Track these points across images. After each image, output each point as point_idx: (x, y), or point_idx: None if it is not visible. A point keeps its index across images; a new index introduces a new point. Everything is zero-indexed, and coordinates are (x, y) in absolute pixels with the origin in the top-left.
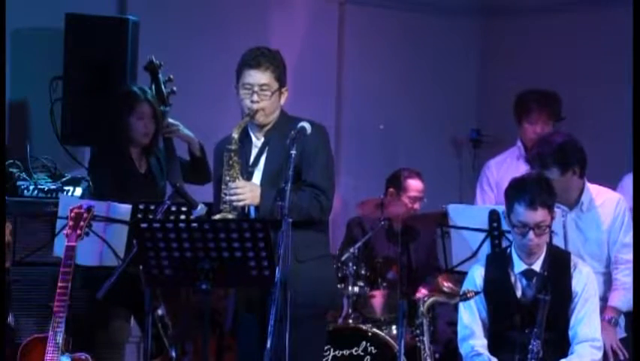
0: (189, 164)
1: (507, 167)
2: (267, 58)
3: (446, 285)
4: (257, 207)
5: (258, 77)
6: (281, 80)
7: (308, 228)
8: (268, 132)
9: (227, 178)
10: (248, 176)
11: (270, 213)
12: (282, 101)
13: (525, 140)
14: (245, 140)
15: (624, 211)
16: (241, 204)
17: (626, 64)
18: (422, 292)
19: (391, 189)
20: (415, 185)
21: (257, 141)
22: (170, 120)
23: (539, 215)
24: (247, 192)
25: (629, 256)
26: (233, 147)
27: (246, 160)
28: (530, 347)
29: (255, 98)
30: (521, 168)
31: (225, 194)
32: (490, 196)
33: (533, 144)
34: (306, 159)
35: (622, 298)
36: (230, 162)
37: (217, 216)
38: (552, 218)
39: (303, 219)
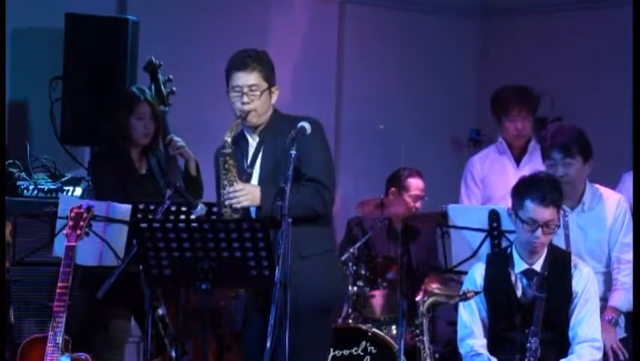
0: (183, 179)
1: (490, 162)
2: (253, 59)
3: (434, 286)
4: (258, 208)
5: (246, 78)
6: (269, 80)
7: (311, 223)
8: (262, 132)
9: (225, 182)
10: (247, 177)
11: (271, 213)
12: (273, 100)
13: (507, 138)
14: (241, 141)
15: (625, 211)
16: (240, 206)
17: (625, 64)
18: (435, 284)
19: (393, 189)
20: (416, 184)
21: (252, 141)
22: (176, 138)
23: (549, 213)
24: (245, 194)
25: (629, 256)
26: (227, 150)
27: (243, 161)
28: (528, 345)
29: (245, 99)
30: (505, 163)
31: (224, 198)
32: (475, 192)
33: (546, 135)
34: (305, 154)
35: (622, 299)
36: (226, 166)
37: None
38: (559, 219)
39: (307, 215)
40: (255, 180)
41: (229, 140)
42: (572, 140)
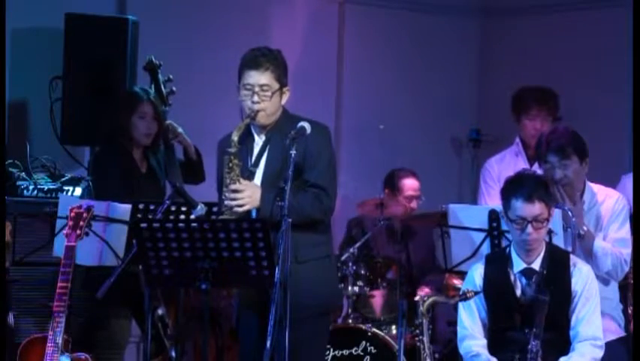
0: (185, 165)
1: (506, 164)
2: (267, 58)
3: (456, 282)
4: (258, 209)
5: (258, 77)
6: (281, 81)
7: (309, 229)
8: (269, 132)
9: (228, 181)
10: (249, 175)
11: (269, 216)
12: (284, 101)
13: (525, 137)
14: (247, 139)
15: (622, 208)
16: (241, 209)
17: (625, 64)
18: (425, 290)
19: (387, 190)
20: (410, 184)
21: (259, 140)
22: (174, 124)
23: (537, 208)
24: (247, 196)
25: (625, 250)
26: (232, 150)
27: (247, 159)
28: (529, 347)
29: (256, 98)
30: (519, 165)
31: (226, 197)
32: (495, 189)
33: (541, 139)
34: (309, 159)
35: (601, 243)
36: (230, 165)
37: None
38: (549, 214)
39: (306, 221)
40: (257, 179)
41: (236, 139)
42: (566, 141)
